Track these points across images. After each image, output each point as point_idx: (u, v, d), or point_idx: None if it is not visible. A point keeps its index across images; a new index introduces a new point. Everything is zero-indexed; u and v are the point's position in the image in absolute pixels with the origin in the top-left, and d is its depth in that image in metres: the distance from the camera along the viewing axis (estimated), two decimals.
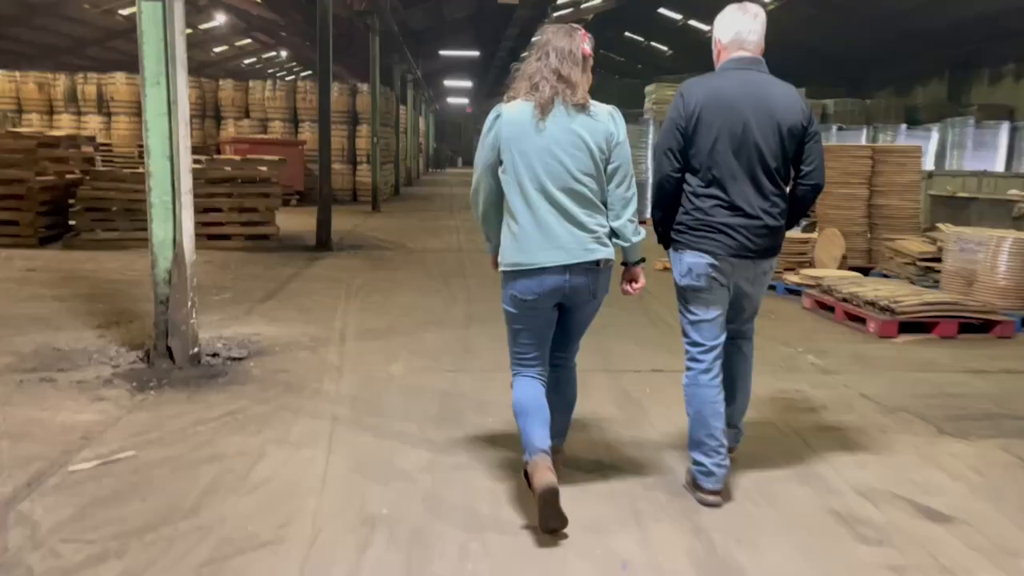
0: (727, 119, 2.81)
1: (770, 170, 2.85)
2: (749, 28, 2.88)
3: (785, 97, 2.87)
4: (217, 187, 9.74)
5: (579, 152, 2.70)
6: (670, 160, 2.89)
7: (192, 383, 4.31)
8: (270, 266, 8.52)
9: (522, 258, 2.72)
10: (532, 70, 2.75)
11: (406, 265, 8.94)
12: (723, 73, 2.91)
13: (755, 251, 2.88)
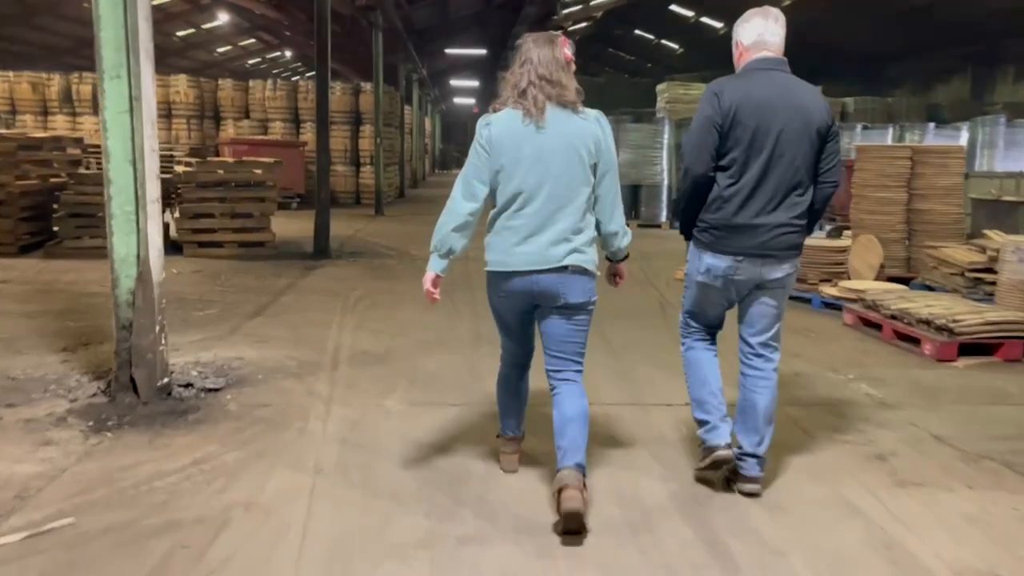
0: (760, 119, 2.82)
1: (798, 170, 2.86)
2: (771, 31, 2.91)
3: (812, 98, 2.91)
4: (209, 191, 9.17)
5: (567, 158, 2.73)
6: (705, 159, 2.88)
7: (157, 422, 3.73)
8: (263, 276, 7.95)
9: (500, 260, 2.83)
10: (516, 78, 2.79)
11: (408, 275, 8.35)
12: (751, 74, 2.92)
13: (776, 249, 2.89)
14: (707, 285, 3.03)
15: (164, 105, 17.16)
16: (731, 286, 2.98)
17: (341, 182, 17.70)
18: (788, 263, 2.96)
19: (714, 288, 3.02)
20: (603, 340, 5.54)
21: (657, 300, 7.17)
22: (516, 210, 2.78)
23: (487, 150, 2.80)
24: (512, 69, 2.84)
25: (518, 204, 2.78)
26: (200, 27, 33.22)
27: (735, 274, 2.93)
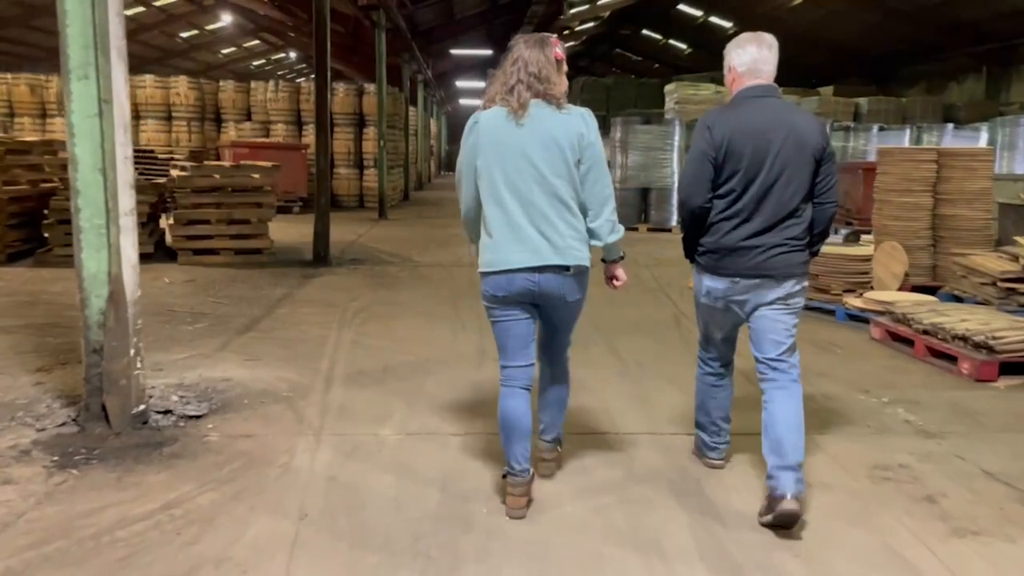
0: (754, 148, 2.87)
1: (795, 193, 2.91)
2: (765, 59, 2.95)
3: (806, 122, 2.95)
4: (204, 197, 8.86)
5: (551, 154, 2.76)
6: (701, 192, 2.96)
7: (129, 455, 3.40)
8: (259, 286, 7.62)
9: (494, 259, 2.81)
10: (506, 76, 2.83)
11: (411, 283, 8.02)
12: (744, 102, 2.96)
13: (773, 269, 2.93)
14: (710, 307, 3.13)
15: (164, 107, 16.91)
16: (733, 307, 3.05)
17: (344, 185, 17.42)
18: (790, 282, 2.96)
19: (717, 310, 3.10)
20: (616, 358, 5.19)
21: (671, 311, 6.81)
22: (507, 208, 2.80)
23: (473, 150, 2.85)
24: (503, 68, 2.88)
25: (510, 202, 2.79)
26: (204, 28, 32.99)
27: (733, 295, 3.01)
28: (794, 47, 29.19)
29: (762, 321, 3.01)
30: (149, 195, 8.84)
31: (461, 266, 9.15)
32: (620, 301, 7.22)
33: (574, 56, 44.09)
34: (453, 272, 8.75)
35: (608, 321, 6.25)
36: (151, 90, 16.75)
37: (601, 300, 7.29)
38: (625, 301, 7.18)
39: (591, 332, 5.84)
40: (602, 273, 3.11)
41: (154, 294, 6.97)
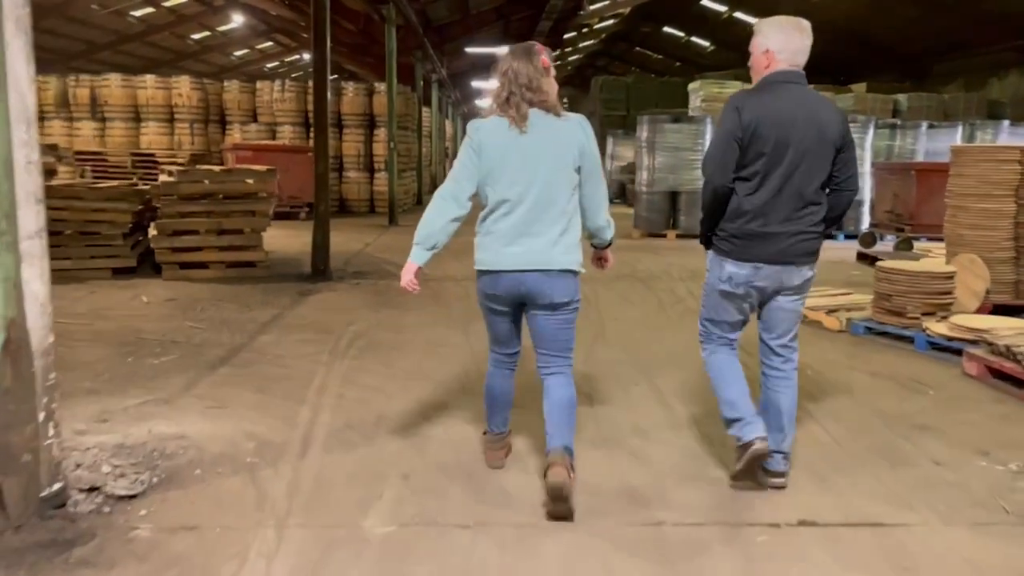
0: (781, 133, 2.91)
1: (815, 180, 2.97)
2: (805, 48, 2.99)
3: (828, 112, 3.00)
4: (192, 205, 8.03)
5: (553, 162, 2.89)
6: (726, 172, 2.96)
7: (24, 561, 2.53)
8: (247, 305, 6.77)
9: (488, 259, 2.97)
10: (500, 88, 2.94)
11: (418, 302, 7.11)
12: (772, 87, 2.98)
13: (795, 255, 2.99)
14: (729, 293, 3.10)
15: (166, 109, 16.18)
16: (753, 292, 3.06)
17: (354, 189, 16.62)
18: (807, 268, 3.07)
19: (736, 295, 3.09)
20: (662, 405, 4.27)
21: None
22: (504, 212, 2.91)
23: (476, 153, 2.93)
24: (496, 83, 2.96)
25: (506, 207, 2.91)
26: (215, 30, 32.39)
27: (756, 281, 3.02)
28: (822, 42, 27.75)
29: (777, 306, 3.10)
30: (132, 202, 8.03)
31: (475, 280, 8.24)
32: (658, 324, 6.31)
33: (592, 55, 43.18)
34: (466, 287, 7.86)
35: (647, 351, 5.34)
36: (152, 91, 16.02)
37: (637, 324, 6.36)
38: (663, 324, 6.24)
39: (629, 368, 4.93)
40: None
41: (124, 317, 6.14)
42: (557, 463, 2.83)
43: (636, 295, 7.59)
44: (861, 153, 12.48)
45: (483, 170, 2.91)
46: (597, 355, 5.28)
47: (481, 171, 2.92)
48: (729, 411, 3.09)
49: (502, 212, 2.91)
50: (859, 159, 12.87)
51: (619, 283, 8.17)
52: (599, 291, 7.71)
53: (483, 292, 3.08)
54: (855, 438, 3.79)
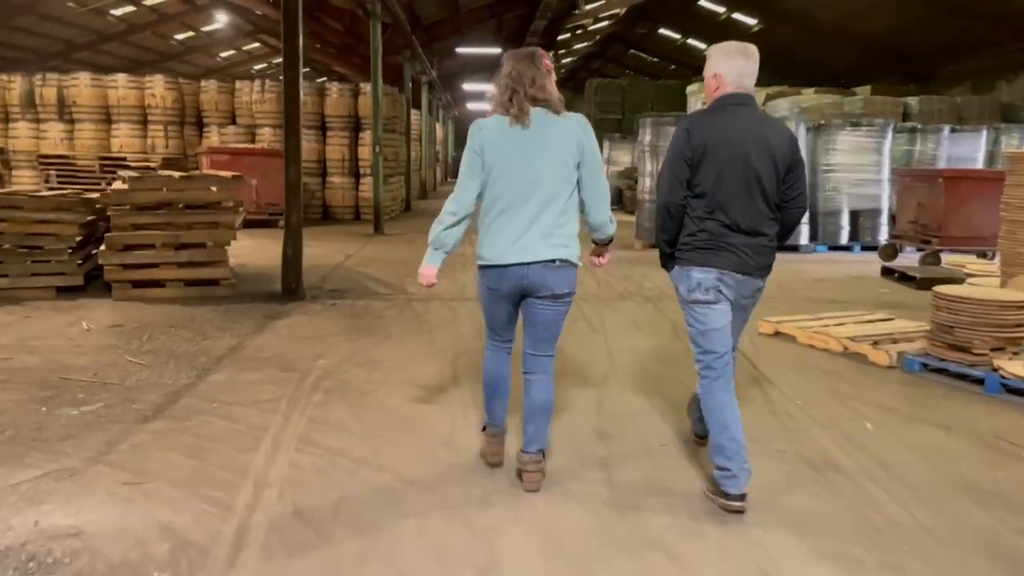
0: (730, 152, 3.03)
1: (767, 195, 3.08)
2: (751, 72, 3.11)
3: (776, 132, 3.13)
4: (147, 215, 7.14)
5: (554, 158, 3.01)
6: (677, 189, 3.10)
7: None
8: (203, 332, 5.89)
9: (492, 255, 3.05)
10: (503, 88, 3.05)
11: (400, 327, 6.26)
12: (722, 109, 3.10)
13: (754, 268, 3.12)
14: (703, 302, 3.12)
15: (139, 110, 15.26)
16: (722, 296, 3.11)
17: (338, 196, 15.76)
18: (761, 280, 3.20)
19: (711, 303, 3.11)
20: (698, 468, 3.40)
21: (761, 397, 5.02)
22: (507, 208, 3.03)
23: (479, 153, 3.05)
24: (498, 82, 3.07)
25: (508, 202, 3.02)
26: (199, 30, 31.45)
27: (721, 286, 3.10)
28: (821, 44, 27.43)
29: (737, 312, 3.20)
30: (79, 213, 7.13)
31: (465, 300, 7.39)
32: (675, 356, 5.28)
33: (586, 57, 42.39)
34: (455, 309, 7.00)
35: (668, 393, 4.49)
36: (124, 91, 15.10)
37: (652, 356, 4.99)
38: (682, 356, 5.32)
39: (651, 419, 4.08)
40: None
41: (54, 350, 5.25)
42: (532, 470, 3.16)
43: (646, 319, 6.74)
44: (879, 159, 11.70)
45: (486, 168, 3.04)
46: (611, 402, 4.42)
47: (484, 168, 3.04)
48: (717, 457, 3.09)
49: (505, 208, 3.03)
50: (877, 164, 12.21)
51: (625, 303, 7.31)
52: (604, 313, 6.86)
53: (487, 286, 3.15)
54: (947, 524, 2.95)
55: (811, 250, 11.52)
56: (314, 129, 15.63)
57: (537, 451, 3.19)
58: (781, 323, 6.04)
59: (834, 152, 11.65)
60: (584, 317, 6.65)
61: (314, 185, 15.63)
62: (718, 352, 3.12)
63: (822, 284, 8.70)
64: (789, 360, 5.36)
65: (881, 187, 11.69)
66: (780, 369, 5.09)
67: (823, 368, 5.17)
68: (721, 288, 3.10)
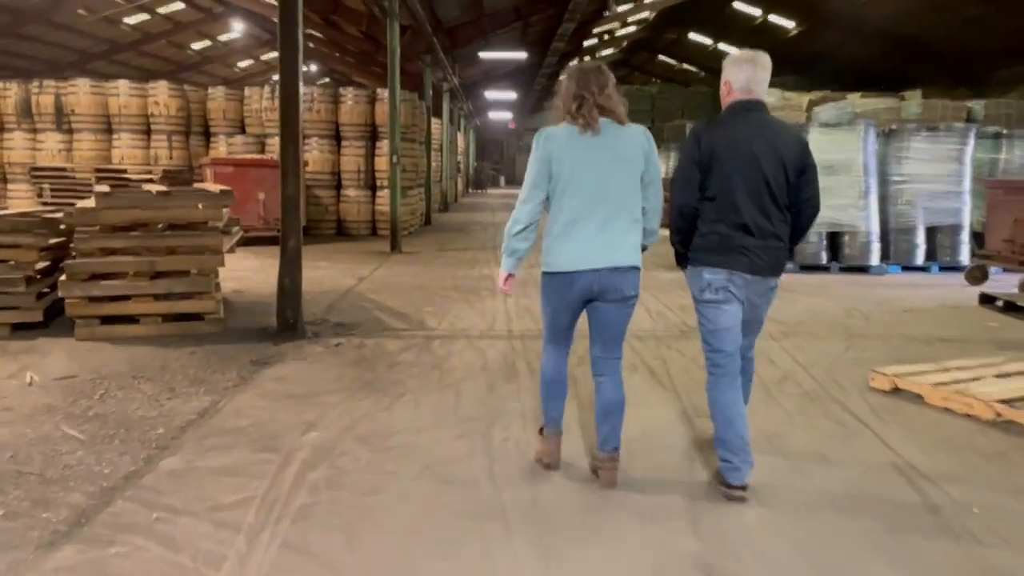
0: (739, 156, 3.14)
1: (776, 198, 3.17)
2: (760, 79, 3.23)
3: (786, 136, 3.23)
4: (119, 238, 6.01)
5: (622, 167, 3.14)
6: (689, 193, 3.23)
7: None
8: (171, 386, 4.72)
9: (561, 261, 3.14)
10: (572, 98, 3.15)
11: (418, 379, 5.06)
12: (733, 115, 3.24)
13: (765, 268, 3.21)
14: (714, 302, 3.23)
15: (142, 119, 14.25)
16: (732, 296, 3.20)
17: (353, 210, 14.62)
18: (774, 279, 3.29)
19: (721, 303, 3.22)
20: None
21: (887, 458, 3.74)
22: (576, 215, 3.11)
23: (547, 162, 3.13)
24: (565, 91, 3.18)
25: (578, 209, 3.11)
26: (216, 39, 30.69)
27: (731, 286, 3.20)
28: (865, 48, 25.92)
29: (751, 311, 3.30)
30: (40, 236, 6.01)
31: (495, 337, 6.18)
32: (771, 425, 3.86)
33: (611, 65, 41.09)
34: (484, 351, 5.78)
35: (784, 485, 3.22)
36: (125, 98, 14.09)
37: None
38: (780, 424, 4.01)
39: (771, 543, 2.81)
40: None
41: None
42: (609, 467, 3.31)
43: None
44: (959, 168, 10.33)
45: (554, 176, 3.13)
46: (711, 517, 3.16)
47: (552, 177, 3.13)
48: (721, 450, 3.23)
49: (574, 215, 3.11)
50: (957, 175, 10.83)
51: (690, 343, 6.05)
52: (666, 357, 5.61)
53: (555, 293, 3.22)
54: None
55: (882, 271, 10.19)
56: (328, 138, 14.55)
57: (613, 449, 3.32)
58: (899, 377, 4.75)
59: (907, 161, 10.31)
60: (643, 363, 5.41)
61: (328, 198, 14.54)
62: (727, 351, 3.26)
63: (915, 316, 7.37)
64: (927, 434, 4.07)
65: (962, 200, 10.33)
66: (923, 449, 3.81)
67: (979, 448, 3.88)
68: (731, 288, 3.21)
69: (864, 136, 10.11)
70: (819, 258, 10.24)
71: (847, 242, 10.25)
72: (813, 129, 10.30)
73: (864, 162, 10.09)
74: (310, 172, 14.32)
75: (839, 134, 10.27)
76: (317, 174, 14.39)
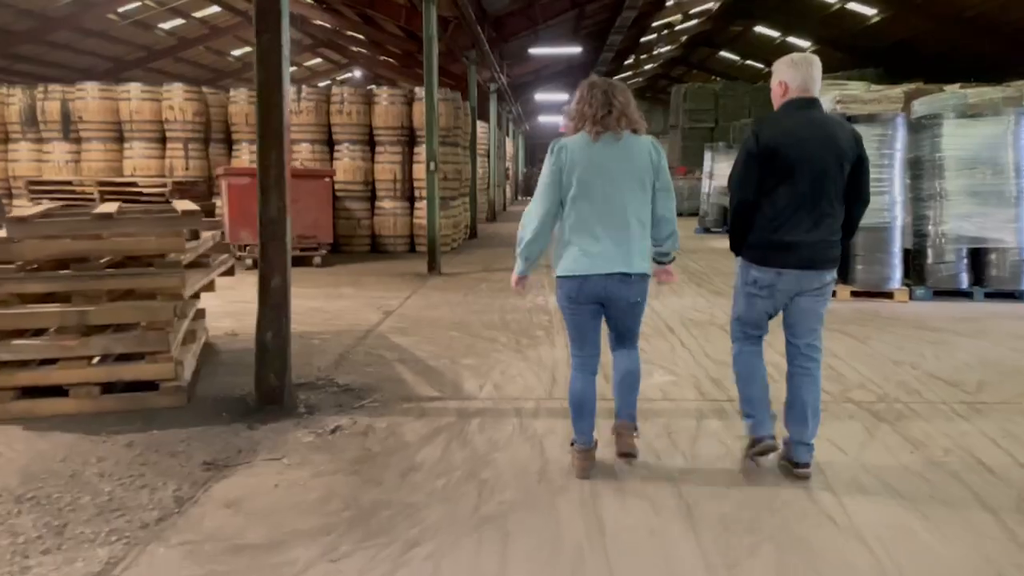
0: (798, 152, 3.26)
1: (831, 194, 3.30)
2: (814, 78, 3.37)
3: (841, 131, 3.34)
4: (42, 280, 4.39)
5: (631, 177, 3.29)
6: (747, 189, 3.35)
7: None
8: (60, 524, 3.03)
9: (573, 266, 3.30)
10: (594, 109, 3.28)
11: (442, 509, 3.27)
12: (790, 112, 3.36)
13: (819, 262, 3.34)
14: (754, 295, 3.46)
15: (156, 125, 12.85)
16: (776, 294, 3.40)
17: (389, 224, 13.03)
18: (827, 273, 3.40)
19: (760, 297, 3.44)
20: None
21: None
22: (587, 223, 3.27)
23: (560, 171, 3.29)
24: (591, 99, 3.29)
25: (589, 217, 3.27)
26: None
27: (778, 284, 3.37)
28: (952, 36, 23.45)
29: (799, 308, 3.42)
30: None
31: (556, 412, 4.37)
32: None
33: (668, 63, 38.97)
34: (541, 440, 3.98)
35: None
36: (137, 102, 12.71)
37: None
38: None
39: None
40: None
41: None
42: (627, 433, 3.50)
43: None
44: None
45: (565, 185, 3.28)
46: None
47: (565, 186, 3.28)
48: (747, 407, 3.55)
49: (586, 223, 3.27)
50: None
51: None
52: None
53: (568, 296, 3.35)
54: None
55: None
56: (360, 144, 12.99)
57: (627, 416, 3.52)
58: None
59: None
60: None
61: (360, 211, 12.96)
62: (757, 332, 3.56)
63: None
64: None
65: None
66: None
67: None
68: (777, 284, 3.37)
69: (1015, 127, 8.03)
70: (958, 281, 8.18)
71: (993, 261, 8.18)
72: (947, 122, 8.25)
73: (1017, 161, 8.01)
74: (340, 182, 12.76)
75: (978, 127, 8.21)
76: (348, 184, 12.83)
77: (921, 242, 8.33)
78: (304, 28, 25.84)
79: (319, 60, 33.73)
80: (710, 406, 4.44)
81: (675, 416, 4.40)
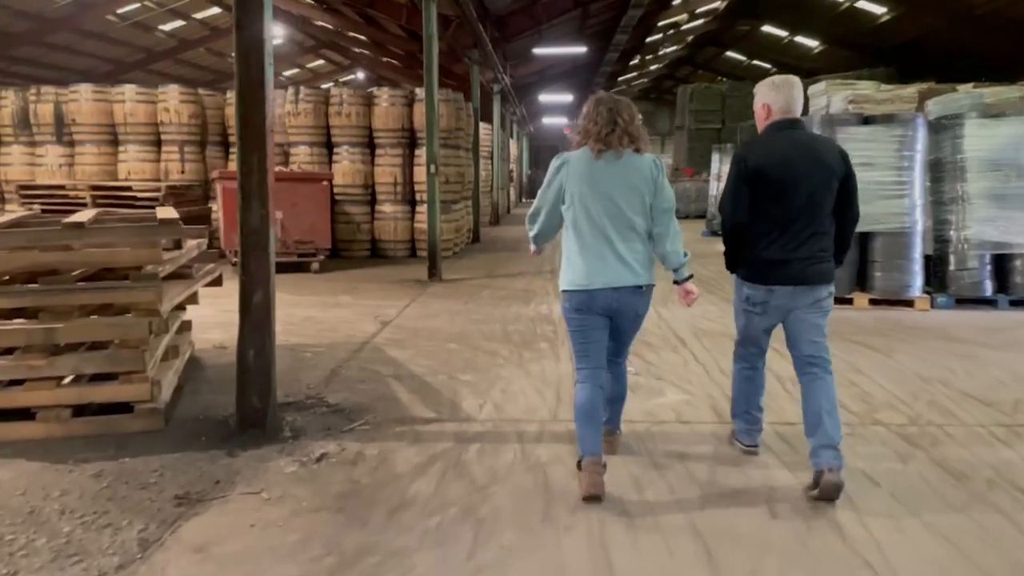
0: (786, 173, 3.35)
1: (822, 211, 3.40)
2: (796, 98, 3.48)
3: (827, 150, 3.45)
4: (10, 296, 4.07)
5: (632, 193, 3.33)
6: (739, 212, 3.44)
7: None
8: (25, 571, 2.71)
9: (579, 279, 3.34)
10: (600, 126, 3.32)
11: (434, 555, 2.95)
12: (774, 134, 3.46)
13: (811, 278, 3.40)
14: (749, 312, 3.57)
15: (151, 127, 12.56)
16: (770, 311, 3.50)
17: (389, 228, 12.70)
18: (821, 288, 3.43)
19: (755, 314, 3.55)
20: None
21: None
22: (592, 237, 3.32)
23: (561, 185, 3.38)
24: (596, 116, 3.35)
25: (594, 231, 3.32)
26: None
27: (771, 301, 3.47)
28: (969, 34, 23.02)
29: (797, 322, 3.47)
30: None
31: (560, 436, 4.03)
32: None
33: (673, 63, 38.62)
34: (545, 468, 3.66)
35: None
36: (132, 104, 12.42)
37: None
38: None
39: None
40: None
41: None
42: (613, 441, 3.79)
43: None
44: None
45: (568, 199, 3.35)
46: None
47: (567, 199, 3.36)
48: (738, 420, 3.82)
49: (591, 237, 3.32)
50: None
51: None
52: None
53: (575, 309, 3.37)
54: None
55: None
56: (360, 146, 12.67)
57: (613, 426, 3.79)
58: None
59: None
60: None
61: (360, 215, 12.64)
62: (756, 350, 3.69)
63: None
64: None
65: None
66: None
67: None
68: (770, 301, 3.47)
69: None
70: (981, 289, 7.83)
71: (1018, 268, 7.83)
72: (968, 122, 7.91)
73: None
74: (339, 185, 12.45)
75: (1001, 127, 7.86)
76: (347, 187, 12.51)
77: (942, 248, 7.99)
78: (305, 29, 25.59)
79: (321, 62, 33.49)
80: (728, 429, 4.10)
81: (690, 442, 4.06)
